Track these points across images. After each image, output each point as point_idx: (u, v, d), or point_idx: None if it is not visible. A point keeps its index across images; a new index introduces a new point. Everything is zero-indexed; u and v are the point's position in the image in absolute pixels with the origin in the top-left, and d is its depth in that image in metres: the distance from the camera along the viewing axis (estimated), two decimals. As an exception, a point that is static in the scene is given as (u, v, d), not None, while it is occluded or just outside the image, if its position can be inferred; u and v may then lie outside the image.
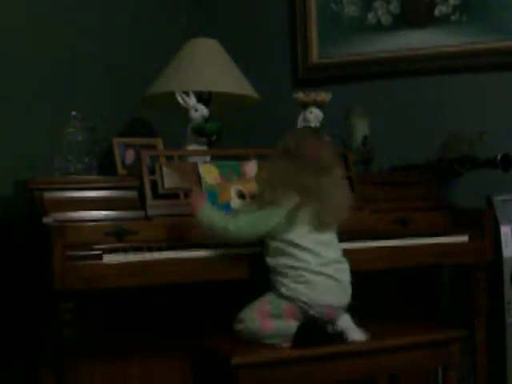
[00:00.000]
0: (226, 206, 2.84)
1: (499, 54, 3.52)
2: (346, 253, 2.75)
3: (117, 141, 3.10)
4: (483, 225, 3.06)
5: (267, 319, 2.57)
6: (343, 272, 2.63)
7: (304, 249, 2.55)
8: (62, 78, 3.38)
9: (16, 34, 3.21)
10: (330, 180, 2.60)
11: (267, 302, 2.60)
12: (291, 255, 2.56)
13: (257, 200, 2.74)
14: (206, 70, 3.35)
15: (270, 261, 2.60)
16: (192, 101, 3.06)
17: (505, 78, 3.54)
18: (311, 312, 2.54)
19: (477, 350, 3.08)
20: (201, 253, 2.60)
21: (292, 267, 2.55)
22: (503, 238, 3.16)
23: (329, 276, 2.56)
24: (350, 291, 2.63)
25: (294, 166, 2.59)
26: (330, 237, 2.63)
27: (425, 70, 3.65)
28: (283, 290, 2.55)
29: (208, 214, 2.62)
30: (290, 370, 2.48)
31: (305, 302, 2.54)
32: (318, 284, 2.54)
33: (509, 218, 3.19)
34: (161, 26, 3.93)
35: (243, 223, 2.60)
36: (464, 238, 3.04)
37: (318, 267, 2.55)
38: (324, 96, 3.20)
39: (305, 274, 2.54)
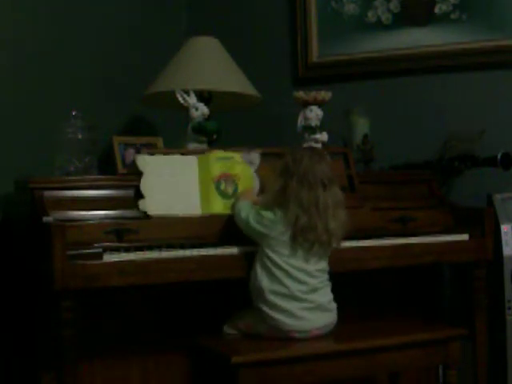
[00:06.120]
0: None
1: (499, 52, 3.51)
2: (346, 251, 2.75)
3: (117, 139, 3.09)
4: (484, 223, 3.06)
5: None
6: (325, 294, 2.65)
7: (287, 273, 2.57)
8: (63, 77, 3.38)
9: (16, 33, 3.21)
10: (328, 197, 2.61)
11: (249, 325, 2.68)
12: (273, 277, 2.57)
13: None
14: (206, 69, 3.36)
15: (253, 284, 2.63)
16: (192, 100, 3.05)
17: (505, 76, 3.53)
18: (295, 336, 2.58)
19: (477, 348, 3.07)
20: (201, 251, 2.60)
21: (273, 292, 2.56)
22: (503, 237, 3.15)
23: (311, 302, 2.59)
24: (334, 310, 2.67)
25: (292, 183, 2.60)
26: (318, 266, 2.63)
27: (425, 68, 3.65)
28: (264, 317, 2.60)
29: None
30: (291, 368, 2.49)
31: (288, 331, 2.58)
32: (299, 313, 2.57)
33: (509, 217, 3.19)
34: (161, 25, 3.93)
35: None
36: (464, 237, 3.04)
37: (300, 294, 2.57)
38: (324, 95, 3.20)
39: (285, 301, 2.56)
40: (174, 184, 2.80)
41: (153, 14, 3.91)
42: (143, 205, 2.72)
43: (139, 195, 2.75)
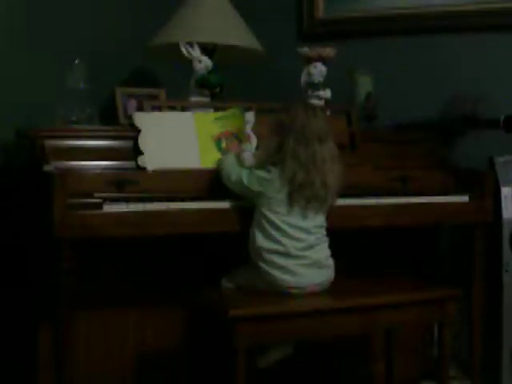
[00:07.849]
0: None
1: (504, 14, 3.49)
2: (346, 209, 2.75)
3: (119, 90, 3.08)
4: (484, 185, 3.06)
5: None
6: (322, 250, 2.65)
7: (284, 232, 2.58)
8: (66, 26, 3.35)
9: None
10: (325, 151, 2.60)
11: (247, 280, 2.69)
12: (270, 237, 2.58)
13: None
14: (210, 22, 3.32)
15: (251, 244, 2.63)
16: (196, 52, 3.03)
17: (509, 39, 3.51)
18: (292, 291, 2.59)
19: (473, 309, 3.10)
20: (200, 204, 2.60)
21: (270, 250, 2.57)
22: (503, 200, 3.16)
23: (307, 259, 2.60)
24: (332, 267, 2.68)
25: (288, 140, 2.59)
26: (315, 222, 2.63)
27: (430, 28, 3.62)
28: (262, 274, 2.60)
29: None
30: (287, 323, 2.50)
31: (285, 287, 2.59)
32: (295, 269, 2.58)
33: (510, 180, 3.18)
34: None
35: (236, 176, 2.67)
36: (464, 198, 3.04)
37: (296, 251, 2.58)
38: (329, 51, 3.18)
39: (282, 258, 2.57)
40: (172, 140, 2.80)
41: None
42: (142, 160, 2.72)
43: (139, 148, 2.75)
